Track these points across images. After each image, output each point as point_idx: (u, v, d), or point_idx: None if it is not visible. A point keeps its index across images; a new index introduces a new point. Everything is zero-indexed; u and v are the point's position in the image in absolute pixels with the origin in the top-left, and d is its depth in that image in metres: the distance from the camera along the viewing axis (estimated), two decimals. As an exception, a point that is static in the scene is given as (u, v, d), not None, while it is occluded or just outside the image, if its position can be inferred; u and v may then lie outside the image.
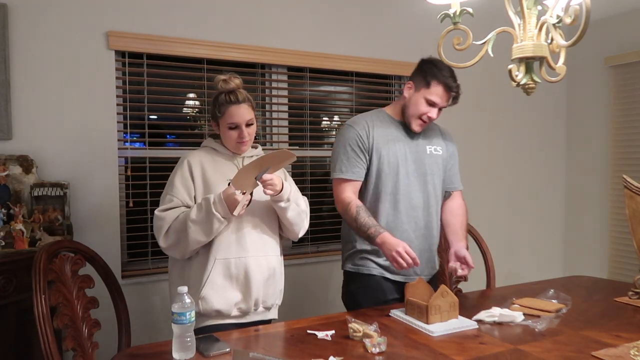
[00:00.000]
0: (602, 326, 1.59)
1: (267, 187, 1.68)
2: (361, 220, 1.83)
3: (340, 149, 1.95)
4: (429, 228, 1.99)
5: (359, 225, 1.84)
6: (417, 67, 1.97)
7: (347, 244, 2.03)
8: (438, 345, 1.44)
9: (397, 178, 1.93)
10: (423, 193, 1.98)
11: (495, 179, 3.73)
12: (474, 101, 3.59)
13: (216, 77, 1.78)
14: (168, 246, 1.70)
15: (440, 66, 1.89)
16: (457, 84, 1.92)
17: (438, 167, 2.03)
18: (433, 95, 1.89)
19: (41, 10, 2.35)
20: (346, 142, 1.93)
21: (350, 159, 1.92)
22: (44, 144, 2.35)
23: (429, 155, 2.01)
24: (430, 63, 1.93)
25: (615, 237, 3.70)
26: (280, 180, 1.72)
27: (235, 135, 1.76)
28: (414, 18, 3.26)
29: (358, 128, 1.94)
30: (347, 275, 2.02)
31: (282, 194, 1.71)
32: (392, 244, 1.75)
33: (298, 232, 1.87)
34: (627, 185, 1.86)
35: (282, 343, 1.50)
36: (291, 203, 1.76)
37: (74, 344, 1.53)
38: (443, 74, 1.88)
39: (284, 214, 1.77)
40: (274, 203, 1.75)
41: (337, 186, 1.94)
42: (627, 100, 3.60)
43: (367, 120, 1.97)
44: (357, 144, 1.92)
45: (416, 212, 1.96)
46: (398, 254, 1.71)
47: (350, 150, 1.92)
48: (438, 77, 1.88)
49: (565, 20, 1.13)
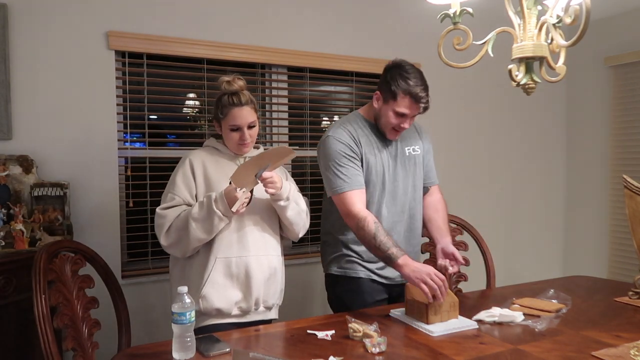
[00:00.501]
0: (602, 326, 1.59)
1: (267, 186, 1.68)
2: (381, 238, 1.71)
3: (332, 162, 1.83)
4: (412, 230, 1.98)
5: (378, 243, 1.71)
6: (383, 75, 1.86)
7: (329, 247, 1.97)
8: (438, 345, 1.44)
9: (384, 186, 1.90)
10: (406, 196, 1.95)
11: (495, 179, 3.73)
12: (473, 101, 3.59)
13: (220, 78, 1.79)
14: (169, 244, 1.71)
15: (407, 74, 1.77)
16: (426, 93, 1.78)
17: (418, 167, 2.00)
18: (401, 108, 1.79)
19: (41, 10, 2.35)
20: (338, 154, 1.83)
21: (349, 169, 1.82)
22: (44, 144, 2.35)
23: (408, 157, 1.96)
24: (395, 70, 1.80)
25: (615, 237, 3.70)
26: (281, 178, 1.73)
27: (237, 137, 1.77)
28: (414, 18, 3.26)
29: (344, 138, 1.85)
30: (332, 278, 1.96)
31: (281, 192, 1.72)
32: (419, 268, 1.63)
33: (298, 232, 1.87)
34: (627, 185, 1.86)
35: (282, 343, 1.50)
36: (291, 202, 1.76)
37: (74, 344, 1.53)
38: (409, 83, 1.76)
39: (284, 213, 1.77)
40: (274, 202, 1.75)
41: (344, 200, 1.80)
42: (627, 100, 3.60)
43: (348, 128, 1.87)
44: (349, 154, 1.84)
45: (400, 217, 1.93)
46: (429, 276, 1.59)
47: (346, 160, 1.83)
48: (404, 88, 1.76)
49: (565, 20, 1.13)
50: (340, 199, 1.82)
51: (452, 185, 3.46)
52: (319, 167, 1.93)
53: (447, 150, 3.49)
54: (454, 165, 3.53)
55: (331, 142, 1.85)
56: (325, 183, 1.89)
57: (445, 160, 3.45)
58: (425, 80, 1.82)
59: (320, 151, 1.91)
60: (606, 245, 3.76)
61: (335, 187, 1.82)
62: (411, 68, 1.82)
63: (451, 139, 3.52)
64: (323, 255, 2.04)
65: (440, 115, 3.44)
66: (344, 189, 1.81)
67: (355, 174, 1.83)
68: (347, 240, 1.92)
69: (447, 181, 3.41)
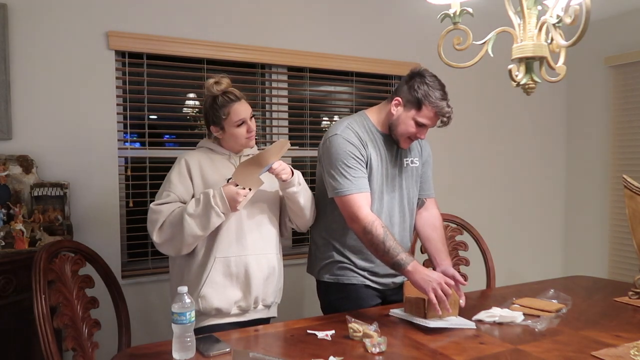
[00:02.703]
0: (602, 326, 1.59)
1: (281, 174, 1.71)
2: (390, 243, 1.66)
3: (339, 162, 1.76)
4: (404, 243, 1.93)
5: (387, 248, 1.66)
6: (407, 82, 1.79)
7: (320, 253, 1.92)
8: (438, 345, 1.44)
9: (382, 196, 1.86)
10: (400, 208, 1.91)
11: (495, 179, 3.73)
12: (473, 101, 3.59)
13: (206, 82, 1.80)
14: (162, 241, 1.69)
15: (433, 85, 1.74)
16: (450, 108, 1.75)
17: (414, 179, 1.96)
18: (424, 119, 1.75)
19: (41, 10, 2.35)
20: (347, 154, 1.76)
21: (357, 171, 1.76)
22: (44, 144, 2.35)
23: (406, 169, 1.92)
24: (421, 79, 1.76)
25: (615, 237, 3.70)
26: (288, 165, 1.76)
27: (244, 130, 1.78)
28: (414, 18, 3.26)
29: (353, 139, 1.79)
30: (325, 285, 1.91)
31: (292, 179, 1.74)
32: (429, 275, 1.60)
33: (310, 219, 1.86)
34: (627, 185, 1.86)
35: (282, 343, 1.50)
36: (302, 187, 1.78)
37: (74, 344, 1.53)
38: (436, 95, 1.73)
39: (297, 199, 1.77)
40: (285, 190, 1.76)
41: (350, 203, 1.73)
42: (627, 100, 3.60)
43: (357, 131, 1.81)
44: (358, 156, 1.78)
45: (393, 229, 1.87)
46: (440, 286, 1.56)
47: (354, 162, 1.76)
48: (430, 99, 1.73)
49: (565, 20, 1.13)
50: (346, 202, 1.74)
51: (452, 186, 3.47)
52: (321, 166, 1.86)
53: (447, 150, 3.49)
54: (454, 165, 3.53)
55: (339, 142, 1.78)
56: (328, 183, 1.80)
57: (445, 161, 3.45)
58: (447, 92, 1.77)
59: (325, 149, 1.83)
60: (606, 245, 3.76)
61: (341, 189, 1.75)
62: (435, 78, 1.78)
63: (451, 139, 3.52)
64: (312, 260, 1.98)
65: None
66: (351, 191, 1.74)
67: (361, 177, 1.77)
68: (342, 245, 1.87)
69: (447, 181, 3.42)
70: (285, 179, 1.73)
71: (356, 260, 1.86)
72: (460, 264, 2.33)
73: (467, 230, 2.41)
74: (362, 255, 1.85)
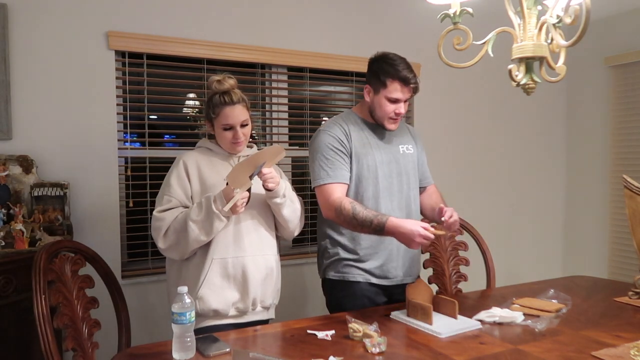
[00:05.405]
0: (602, 326, 1.59)
1: (267, 181, 1.69)
2: (360, 215, 1.71)
3: (319, 154, 1.85)
4: None
5: (360, 221, 1.71)
6: (368, 68, 1.91)
7: (326, 252, 1.95)
8: (438, 345, 1.44)
9: (377, 181, 1.88)
10: (401, 193, 1.94)
11: (495, 179, 3.73)
12: (473, 101, 3.59)
13: (210, 78, 1.79)
14: (167, 247, 1.70)
15: (391, 61, 1.83)
16: (413, 74, 1.83)
17: (412, 165, 2.00)
18: (393, 93, 1.83)
19: (41, 10, 2.35)
20: (326, 147, 1.84)
21: (335, 163, 1.83)
22: (44, 144, 2.35)
23: (402, 155, 1.98)
24: (379, 61, 1.87)
25: (615, 237, 3.70)
26: (278, 175, 1.74)
27: (230, 136, 1.77)
28: (414, 18, 3.26)
29: (336, 132, 1.87)
30: (330, 283, 1.94)
31: (277, 189, 1.72)
32: (406, 228, 1.63)
33: (293, 231, 1.87)
34: (627, 185, 1.86)
35: (282, 343, 1.50)
36: (287, 199, 1.77)
37: (74, 344, 1.53)
38: (395, 68, 1.81)
39: (280, 210, 1.77)
40: (270, 199, 1.75)
41: (324, 192, 1.83)
42: (627, 100, 3.60)
43: (341, 124, 1.90)
44: (338, 147, 1.85)
45: (396, 214, 1.88)
46: (420, 237, 1.60)
47: (333, 154, 1.84)
48: (391, 73, 1.81)
49: (565, 20, 1.13)
50: (321, 191, 1.84)
51: (452, 185, 3.46)
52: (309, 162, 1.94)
53: (447, 150, 3.49)
54: (454, 165, 3.53)
55: (321, 137, 1.88)
56: (311, 175, 1.90)
57: (445, 160, 3.45)
58: (410, 64, 1.86)
59: (310, 145, 1.94)
60: (606, 245, 3.76)
61: (318, 179, 1.84)
62: (394, 55, 1.87)
63: (451, 138, 3.52)
64: (320, 260, 2.01)
65: (440, 115, 3.45)
66: (326, 181, 1.82)
67: (339, 168, 1.84)
68: (343, 239, 1.89)
69: (447, 181, 3.42)
70: (272, 188, 1.71)
71: (359, 252, 1.88)
72: (460, 264, 2.33)
73: (467, 230, 2.41)
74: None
